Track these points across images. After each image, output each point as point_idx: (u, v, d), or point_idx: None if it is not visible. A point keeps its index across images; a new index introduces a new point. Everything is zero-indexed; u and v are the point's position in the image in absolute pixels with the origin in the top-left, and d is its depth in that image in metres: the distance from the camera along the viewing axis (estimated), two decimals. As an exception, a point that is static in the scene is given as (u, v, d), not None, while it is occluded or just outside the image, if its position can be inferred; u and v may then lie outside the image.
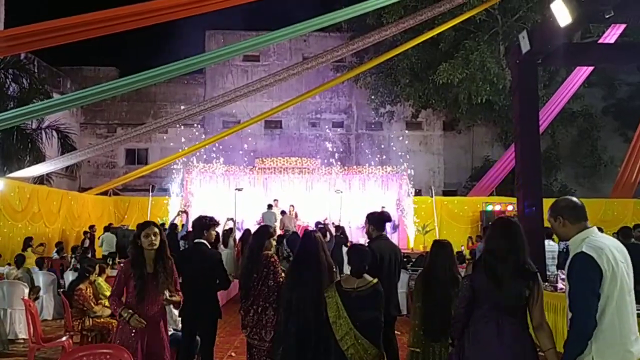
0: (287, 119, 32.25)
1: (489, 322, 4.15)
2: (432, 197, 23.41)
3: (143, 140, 30.43)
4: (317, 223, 16.51)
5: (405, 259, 12.99)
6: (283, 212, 20.26)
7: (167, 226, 16.78)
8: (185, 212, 19.77)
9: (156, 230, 5.50)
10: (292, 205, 21.15)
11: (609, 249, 3.84)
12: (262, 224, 14.75)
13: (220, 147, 26.28)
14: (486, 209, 22.50)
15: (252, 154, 28.46)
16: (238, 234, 18.28)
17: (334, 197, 21.89)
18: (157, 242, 5.45)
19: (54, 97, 19.21)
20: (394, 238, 20.23)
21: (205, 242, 6.73)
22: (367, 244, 6.42)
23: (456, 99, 26.15)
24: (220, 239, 15.74)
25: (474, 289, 4.24)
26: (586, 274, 3.76)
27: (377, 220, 6.77)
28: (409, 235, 22.28)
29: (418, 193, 25.40)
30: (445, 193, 30.29)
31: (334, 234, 14.39)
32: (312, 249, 5.47)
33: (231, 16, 24.63)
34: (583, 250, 3.82)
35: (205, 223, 6.80)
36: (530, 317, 4.23)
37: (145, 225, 5.53)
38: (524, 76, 11.18)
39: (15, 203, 16.79)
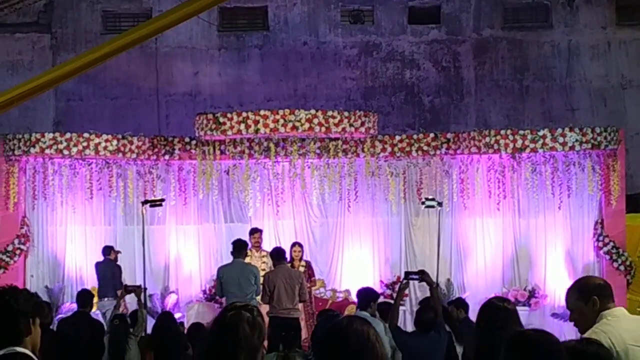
0: (282, 2, 16.95)
1: None
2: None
3: None
4: (409, 274, 9.19)
5: None
6: (278, 255, 11.50)
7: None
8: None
9: None
10: (299, 245, 12.90)
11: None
12: (216, 295, 12.20)
13: (103, 87, 16.51)
14: None
15: (186, 103, 16.69)
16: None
17: (418, 219, 14.46)
18: None
19: None
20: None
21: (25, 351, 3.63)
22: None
23: None
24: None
25: None
26: None
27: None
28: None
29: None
30: None
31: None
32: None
33: None
34: None
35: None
36: None
37: None
38: None
39: None
